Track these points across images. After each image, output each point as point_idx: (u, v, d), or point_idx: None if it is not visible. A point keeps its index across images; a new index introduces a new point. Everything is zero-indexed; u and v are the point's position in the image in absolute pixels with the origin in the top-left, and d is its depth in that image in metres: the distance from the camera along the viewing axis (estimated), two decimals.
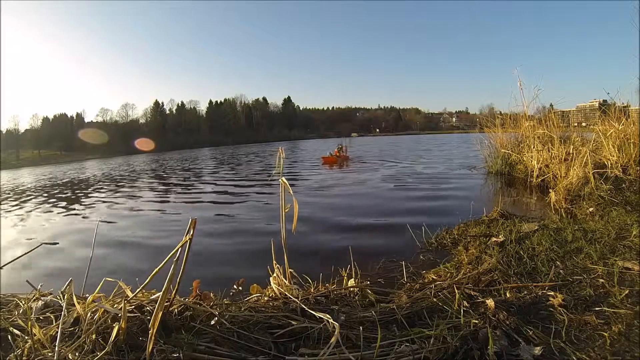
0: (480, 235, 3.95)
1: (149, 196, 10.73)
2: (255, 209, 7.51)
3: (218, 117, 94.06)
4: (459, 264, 3.19)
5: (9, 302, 2.18)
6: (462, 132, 68.15)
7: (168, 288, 1.67)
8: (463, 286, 2.45)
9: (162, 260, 1.73)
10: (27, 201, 11.71)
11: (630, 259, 2.76)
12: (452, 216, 5.17)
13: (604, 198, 5.04)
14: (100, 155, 64.48)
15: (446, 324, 1.88)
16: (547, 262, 2.89)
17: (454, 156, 18.39)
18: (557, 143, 7.62)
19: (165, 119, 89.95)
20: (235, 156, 31.36)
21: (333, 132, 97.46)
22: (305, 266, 3.00)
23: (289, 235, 2.59)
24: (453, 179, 10.12)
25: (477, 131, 12.27)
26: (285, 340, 1.82)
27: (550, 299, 2.17)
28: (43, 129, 75.42)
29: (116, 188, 13.47)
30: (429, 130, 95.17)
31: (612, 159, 6.55)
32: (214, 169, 19.56)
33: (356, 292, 2.50)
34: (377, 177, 11.56)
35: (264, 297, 2.35)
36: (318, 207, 7.14)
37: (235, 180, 13.73)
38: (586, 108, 32.75)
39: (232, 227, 5.96)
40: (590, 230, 3.66)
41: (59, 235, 6.27)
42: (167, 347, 1.61)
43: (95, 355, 1.54)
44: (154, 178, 17.12)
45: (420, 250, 3.94)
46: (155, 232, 6.05)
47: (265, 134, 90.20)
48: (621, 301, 2.11)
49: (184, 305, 1.95)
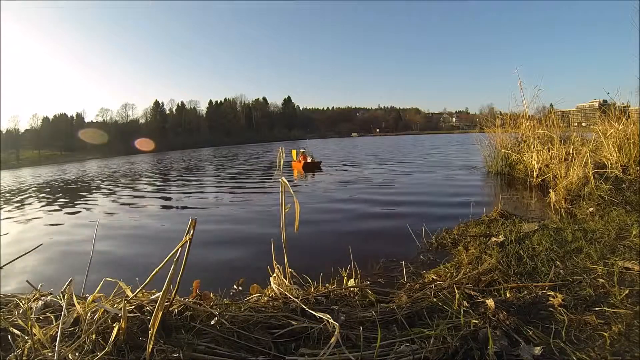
0: (480, 235, 3.95)
1: (150, 195, 10.73)
2: (256, 209, 7.51)
3: (218, 117, 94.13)
4: (459, 264, 3.19)
5: (9, 302, 2.18)
6: (462, 132, 68.16)
7: (168, 288, 1.67)
8: (463, 286, 2.45)
9: (163, 260, 1.73)
10: (27, 201, 11.71)
11: (630, 259, 2.76)
12: (452, 216, 5.17)
13: (604, 198, 5.04)
14: (100, 155, 64.51)
15: (446, 324, 1.88)
16: (547, 262, 2.89)
17: (454, 156, 18.39)
18: (557, 143, 7.62)
19: (165, 119, 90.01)
20: (236, 156, 31.35)
21: (333, 132, 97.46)
22: (305, 266, 2.99)
23: (289, 235, 2.59)
24: (453, 179, 10.11)
25: (477, 131, 12.28)
26: (285, 340, 1.82)
27: (550, 299, 2.17)
28: (43, 129, 75.45)
29: (116, 188, 13.46)
30: (429, 131, 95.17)
31: (612, 159, 6.55)
32: (214, 169, 19.57)
33: (356, 292, 2.50)
34: (366, 176, 11.58)
35: (264, 297, 2.35)
36: (318, 206, 7.14)
37: (235, 180, 13.73)
38: (586, 108, 32.76)
39: (232, 227, 5.96)
40: (590, 230, 3.66)
41: (59, 235, 6.27)
42: (167, 347, 1.60)
43: (95, 355, 1.54)
44: (154, 177, 17.13)
45: (420, 250, 3.94)
46: (155, 232, 6.05)
47: (265, 134, 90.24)
48: (621, 301, 2.11)
49: (184, 305, 1.95)
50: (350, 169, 14.97)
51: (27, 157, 66.69)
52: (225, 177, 14.88)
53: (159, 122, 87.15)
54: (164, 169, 22.49)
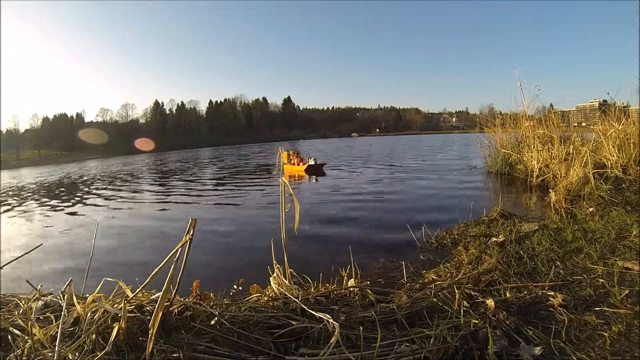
0: (480, 235, 3.95)
1: (150, 195, 10.73)
2: (255, 209, 7.51)
3: (218, 117, 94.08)
4: (459, 264, 3.19)
5: (9, 302, 2.18)
6: (462, 132, 68.09)
7: (168, 288, 1.67)
8: (463, 286, 2.45)
9: (163, 259, 1.73)
10: (27, 201, 11.71)
11: (630, 259, 2.76)
12: (452, 216, 5.18)
13: (604, 198, 5.04)
14: (100, 155, 64.49)
15: (446, 324, 1.88)
16: (547, 262, 2.89)
17: (454, 156, 18.39)
18: (557, 143, 7.62)
19: (165, 119, 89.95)
20: (236, 156, 31.35)
21: (333, 132, 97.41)
22: (305, 266, 3.00)
23: (289, 235, 2.59)
24: (453, 179, 10.11)
25: (477, 131, 12.28)
26: (285, 340, 1.82)
27: (550, 299, 2.17)
28: (43, 129, 75.41)
29: (116, 187, 13.46)
30: (429, 131, 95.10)
31: (612, 159, 6.55)
32: (214, 169, 19.57)
33: (356, 292, 2.50)
34: (366, 176, 11.57)
35: (264, 297, 2.35)
36: (318, 206, 7.14)
37: (235, 180, 13.73)
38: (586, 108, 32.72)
39: (232, 227, 5.96)
40: (590, 230, 3.66)
41: (58, 234, 6.27)
42: (167, 347, 1.60)
43: (95, 355, 1.54)
44: (154, 177, 17.12)
45: (420, 250, 3.94)
46: (155, 232, 6.05)
47: (265, 134, 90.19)
48: (621, 301, 2.11)
49: (184, 305, 1.95)
50: (349, 169, 14.97)
51: (27, 157, 66.65)
52: (225, 177, 14.87)
53: (159, 122, 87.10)
54: (163, 169, 22.49)
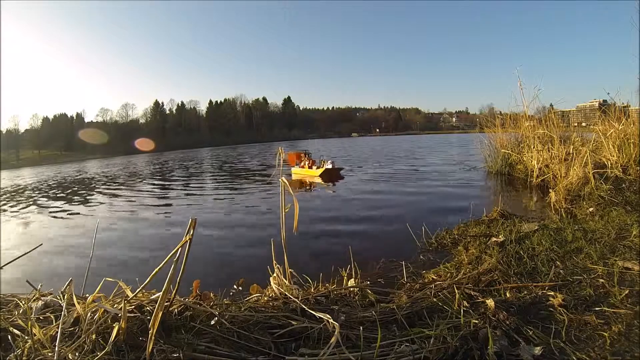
0: (480, 235, 3.95)
1: (149, 195, 10.73)
2: (255, 209, 7.51)
3: (218, 117, 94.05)
4: (459, 264, 3.19)
5: (9, 302, 2.18)
6: (462, 132, 68.07)
7: (168, 288, 1.67)
8: (463, 286, 2.45)
9: (162, 260, 1.73)
10: (27, 201, 11.71)
11: (630, 259, 2.76)
12: (452, 216, 5.18)
13: (604, 198, 5.04)
14: (100, 155, 64.53)
15: (446, 324, 1.88)
16: (547, 262, 2.89)
17: (454, 156, 18.38)
18: (557, 143, 7.62)
19: (165, 119, 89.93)
20: (235, 156, 31.35)
21: (333, 132, 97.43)
22: (305, 266, 3.00)
23: (289, 235, 2.59)
24: (453, 179, 10.11)
25: (477, 131, 12.29)
26: (285, 340, 1.82)
27: (550, 299, 2.17)
28: (43, 129, 75.38)
29: (116, 187, 13.46)
30: (428, 131, 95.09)
31: (612, 159, 6.55)
32: (214, 169, 19.57)
33: (356, 292, 2.50)
34: (365, 176, 11.57)
35: (264, 297, 2.35)
36: (318, 206, 7.14)
37: (235, 180, 13.72)
38: (586, 108, 32.70)
39: (232, 227, 5.96)
40: (590, 230, 3.66)
41: (58, 234, 6.27)
42: (167, 347, 1.60)
43: (95, 355, 1.54)
44: (154, 178, 17.12)
45: (420, 250, 3.94)
46: (155, 232, 6.05)
47: (265, 134, 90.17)
48: (621, 301, 2.11)
49: (184, 305, 1.95)
50: (350, 169, 14.97)
51: (27, 157, 66.66)
52: (224, 177, 14.87)
53: (158, 122, 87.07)
54: (163, 169, 22.48)
